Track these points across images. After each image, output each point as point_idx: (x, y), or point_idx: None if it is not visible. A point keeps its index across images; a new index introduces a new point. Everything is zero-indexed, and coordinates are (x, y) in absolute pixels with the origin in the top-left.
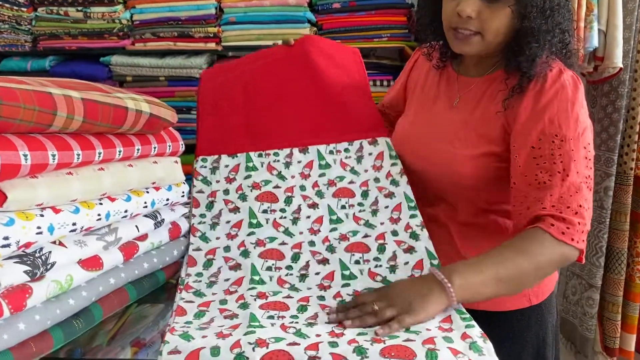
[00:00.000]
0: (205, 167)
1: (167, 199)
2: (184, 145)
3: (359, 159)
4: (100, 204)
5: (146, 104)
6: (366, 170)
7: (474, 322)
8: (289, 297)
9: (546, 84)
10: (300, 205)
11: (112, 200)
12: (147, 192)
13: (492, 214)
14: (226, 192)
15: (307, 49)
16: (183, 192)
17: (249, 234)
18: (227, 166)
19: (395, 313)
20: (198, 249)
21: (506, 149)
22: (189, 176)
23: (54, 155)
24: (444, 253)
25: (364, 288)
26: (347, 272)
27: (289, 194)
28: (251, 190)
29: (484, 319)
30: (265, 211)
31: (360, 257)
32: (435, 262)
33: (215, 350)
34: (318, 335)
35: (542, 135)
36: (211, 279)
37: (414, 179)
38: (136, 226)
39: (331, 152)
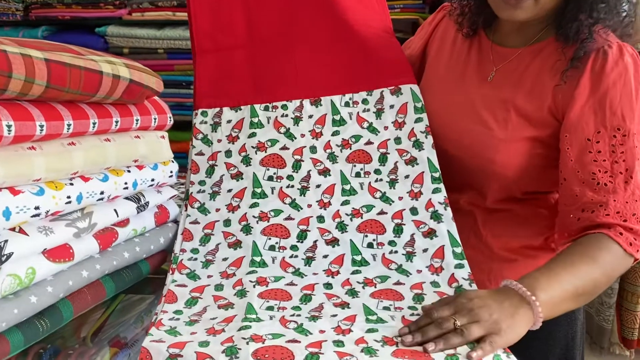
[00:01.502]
0: (205, 122)
1: (152, 179)
2: (172, 119)
3: (379, 113)
4: (71, 184)
5: (125, 68)
6: (386, 128)
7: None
8: (292, 284)
9: (607, 66)
10: (309, 171)
11: (86, 180)
12: (128, 171)
13: (525, 202)
14: (228, 153)
15: None
16: (171, 172)
17: (251, 206)
18: (229, 122)
19: (484, 332)
20: (195, 222)
21: (552, 134)
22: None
23: (9, 126)
24: (467, 241)
25: (375, 276)
26: (358, 257)
27: (298, 156)
28: (256, 152)
29: None
30: (270, 178)
31: (374, 240)
32: (459, 250)
33: (203, 343)
34: (322, 332)
35: (602, 127)
36: (207, 257)
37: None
38: (115, 210)
39: (347, 104)
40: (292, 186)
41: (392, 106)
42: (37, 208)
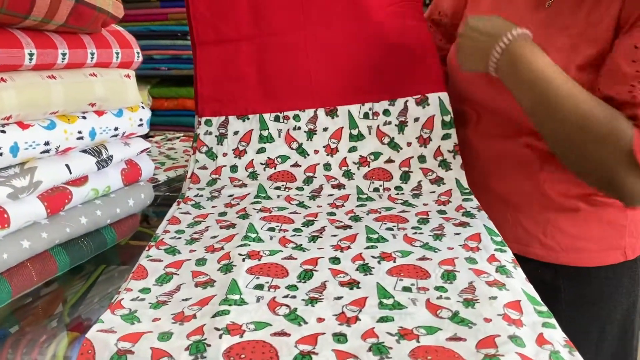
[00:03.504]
0: (210, 133)
1: (116, 129)
2: (140, 54)
3: (401, 127)
4: (2, 132)
5: None
6: (409, 144)
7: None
8: (290, 257)
9: None
10: (322, 185)
11: (24, 127)
12: (83, 117)
13: None
14: (234, 168)
15: None
16: (141, 120)
17: (253, 203)
18: (236, 133)
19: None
20: (187, 213)
21: None
22: (186, 112)
23: None
24: (520, 188)
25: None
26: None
27: (310, 173)
28: (264, 169)
29: (568, 275)
30: (278, 188)
31: (394, 226)
32: (498, 239)
33: (164, 336)
34: (320, 321)
35: None
36: (194, 236)
37: (485, 110)
38: (67, 165)
39: (366, 116)
40: (302, 195)
41: (416, 119)
42: None
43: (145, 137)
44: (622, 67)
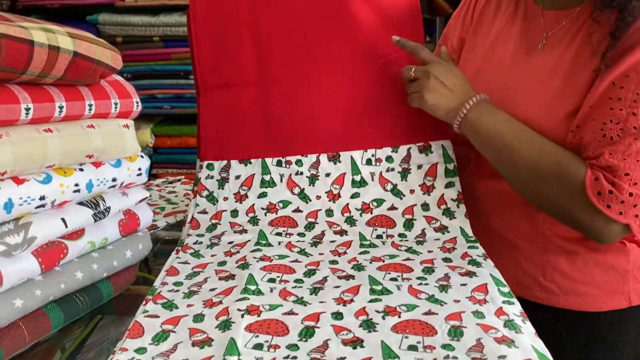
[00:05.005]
0: (211, 177)
1: (114, 179)
2: (139, 104)
3: (404, 174)
4: None
5: (68, 38)
6: (412, 191)
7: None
8: (291, 312)
9: None
10: (324, 231)
11: (19, 182)
12: (80, 169)
13: None
14: (234, 213)
15: None
16: (140, 170)
17: (253, 250)
18: (238, 177)
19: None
20: (185, 262)
21: None
22: (189, 150)
23: None
24: (518, 229)
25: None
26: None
27: (312, 219)
28: (265, 214)
29: (569, 319)
30: (279, 234)
31: (399, 276)
32: (506, 290)
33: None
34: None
35: (632, 72)
36: (192, 289)
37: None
38: (62, 219)
39: (369, 162)
40: (303, 241)
41: (420, 166)
42: None
43: (149, 175)
44: (596, 104)
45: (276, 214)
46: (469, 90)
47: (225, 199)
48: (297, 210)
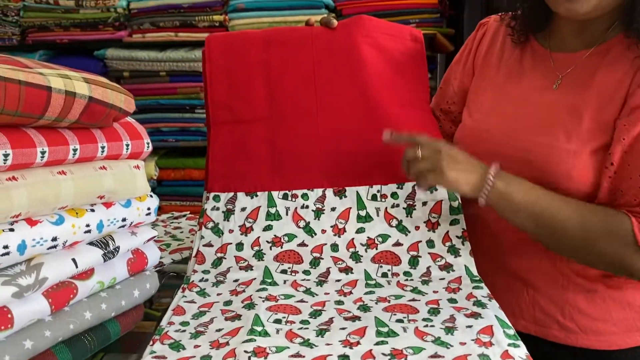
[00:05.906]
0: (217, 209)
1: (124, 219)
2: (150, 144)
3: (409, 210)
4: (11, 230)
5: (84, 83)
6: (417, 228)
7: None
8: (298, 355)
9: None
10: (329, 268)
11: (32, 224)
12: (92, 210)
13: None
14: (239, 246)
15: (354, 39)
16: (149, 209)
17: (259, 290)
18: (243, 209)
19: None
20: (191, 302)
21: None
22: (192, 182)
23: None
24: (539, 267)
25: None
26: (385, 329)
27: (317, 254)
28: (270, 248)
29: (585, 357)
30: (284, 271)
31: (405, 317)
32: (511, 332)
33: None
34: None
35: None
36: (199, 329)
37: None
38: (73, 260)
39: (374, 197)
40: (309, 280)
41: (424, 203)
42: None
43: None
44: (632, 149)
45: (281, 247)
46: (479, 163)
47: (231, 231)
48: (303, 244)
